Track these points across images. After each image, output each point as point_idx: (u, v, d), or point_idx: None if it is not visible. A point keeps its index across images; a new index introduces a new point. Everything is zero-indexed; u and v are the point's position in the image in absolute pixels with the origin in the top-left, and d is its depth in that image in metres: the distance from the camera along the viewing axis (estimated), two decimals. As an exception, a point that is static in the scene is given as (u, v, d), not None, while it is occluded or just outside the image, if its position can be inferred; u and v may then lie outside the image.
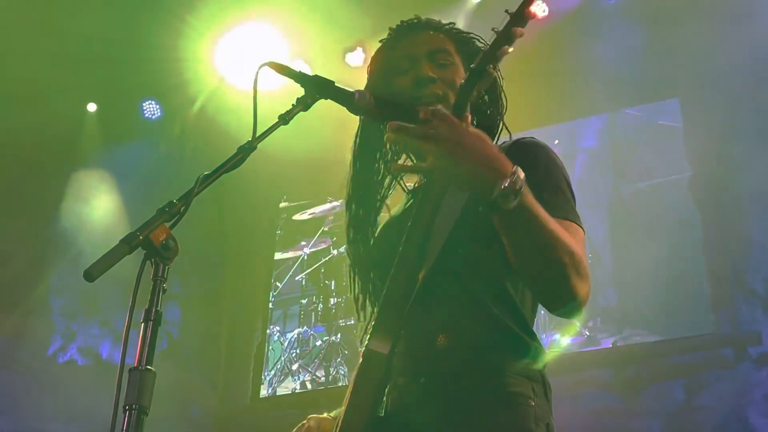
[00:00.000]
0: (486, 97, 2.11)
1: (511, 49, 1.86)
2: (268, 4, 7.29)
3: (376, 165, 2.21)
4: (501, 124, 2.18)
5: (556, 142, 7.45)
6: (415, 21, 2.23)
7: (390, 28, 2.25)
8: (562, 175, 1.99)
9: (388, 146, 2.21)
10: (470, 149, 1.69)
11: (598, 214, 6.85)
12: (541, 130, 7.53)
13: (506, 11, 1.87)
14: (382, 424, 1.85)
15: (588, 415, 6.29)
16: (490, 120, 2.16)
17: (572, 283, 1.77)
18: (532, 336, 1.96)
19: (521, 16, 1.85)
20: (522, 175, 1.69)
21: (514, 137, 2.10)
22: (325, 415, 2.14)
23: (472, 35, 2.23)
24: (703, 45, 6.80)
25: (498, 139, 2.17)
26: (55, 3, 7.12)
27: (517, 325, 1.94)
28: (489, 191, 1.68)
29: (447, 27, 2.23)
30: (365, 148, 2.21)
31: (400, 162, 2.17)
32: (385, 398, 1.88)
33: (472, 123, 1.91)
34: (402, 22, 2.24)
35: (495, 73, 1.97)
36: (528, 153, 1.98)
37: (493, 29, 1.88)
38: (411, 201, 2.19)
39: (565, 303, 1.81)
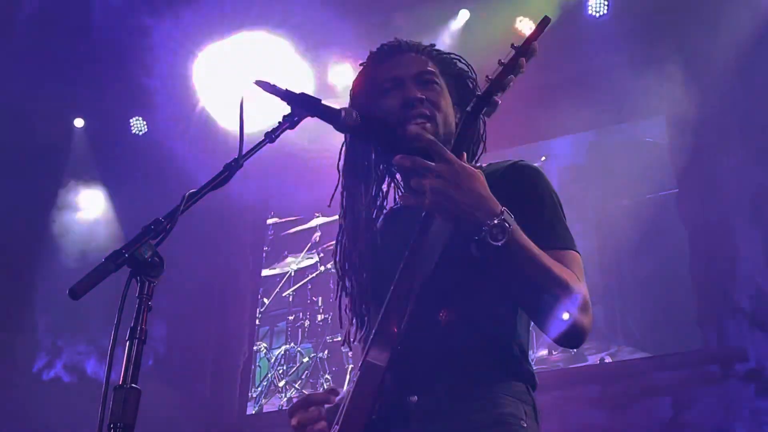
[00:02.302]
0: None
1: (514, 82, 1.94)
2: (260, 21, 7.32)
3: (369, 181, 2.21)
4: (482, 146, 2.21)
5: (543, 158, 7.48)
6: (397, 44, 2.24)
7: (371, 52, 2.26)
8: (556, 200, 2.04)
9: (381, 167, 2.23)
10: (464, 190, 1.77)
11: (585, 230, 6.86)
12: (528, 146, 7.56)
13: (512, 45, 1.95)
14: None
15: (575, 431, 6.29)
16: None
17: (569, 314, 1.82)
18: (526, 358, 1.99)
19: (527, 49, 1.94)
20: (510, 216, 1.78)
21: (505, 157, 2.14)
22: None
23: (453, 56, 2.26)
24: (689, 61, 6.85)
25: (479, 159, 2.20)
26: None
27: (513, 346, 1.97)
28: (477, 230, 1.76)
29: (429, 49, 2.25)
30: (354, 164, 2.21)
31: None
32: (380, 415, 1.87)
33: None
34: (383, 45, 2.25)
35: (500, 102, 1.99)
36: (523, 179, 2.03)
37: (499, 61, 1.94)
38: (397, 220, 2.21)
39: (563, 333, 1.85)
